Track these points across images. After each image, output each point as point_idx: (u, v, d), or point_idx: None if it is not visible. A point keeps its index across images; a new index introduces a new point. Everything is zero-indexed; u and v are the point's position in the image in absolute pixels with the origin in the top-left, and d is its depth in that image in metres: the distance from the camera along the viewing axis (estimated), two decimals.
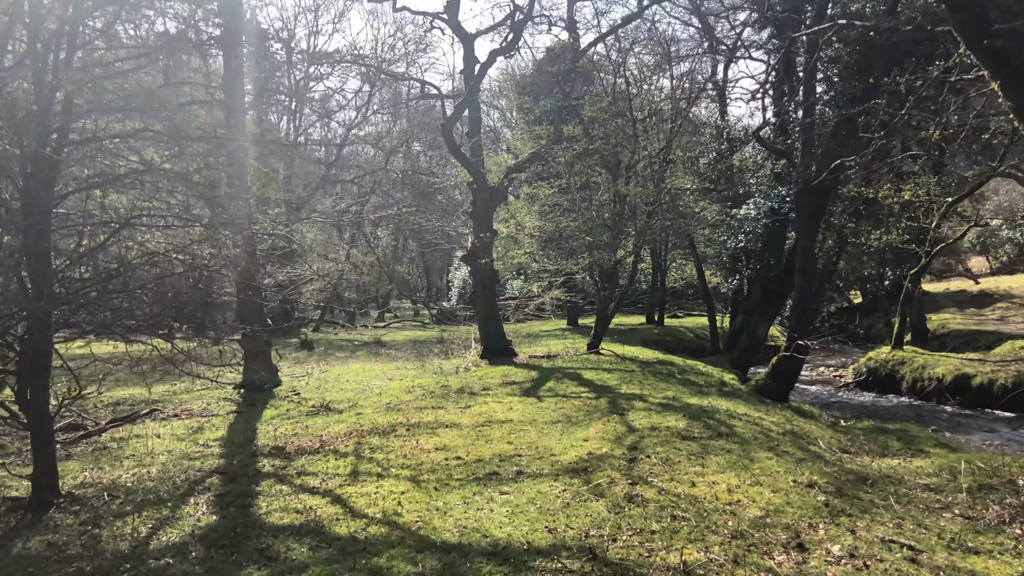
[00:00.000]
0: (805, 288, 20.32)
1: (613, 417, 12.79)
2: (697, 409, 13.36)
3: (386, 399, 16.01)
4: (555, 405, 14.32)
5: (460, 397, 15.63)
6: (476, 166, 21.87)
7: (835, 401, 23.51)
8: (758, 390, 20.41)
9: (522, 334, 31.01)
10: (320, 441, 11.96)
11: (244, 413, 15.75)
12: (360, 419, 13.65)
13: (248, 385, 18.46)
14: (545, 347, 25.08)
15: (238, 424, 14.24)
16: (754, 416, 13.47)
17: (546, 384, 17.05)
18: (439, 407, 14.62)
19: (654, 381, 17.34)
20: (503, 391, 16.36)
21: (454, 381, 17.56)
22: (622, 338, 29.22)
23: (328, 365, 23.41)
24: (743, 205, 24.76)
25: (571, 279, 24.89)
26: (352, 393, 17.36)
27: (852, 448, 12.70)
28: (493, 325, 22.54)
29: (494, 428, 12.41)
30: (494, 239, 23.34)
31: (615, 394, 15.36)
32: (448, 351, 25.44)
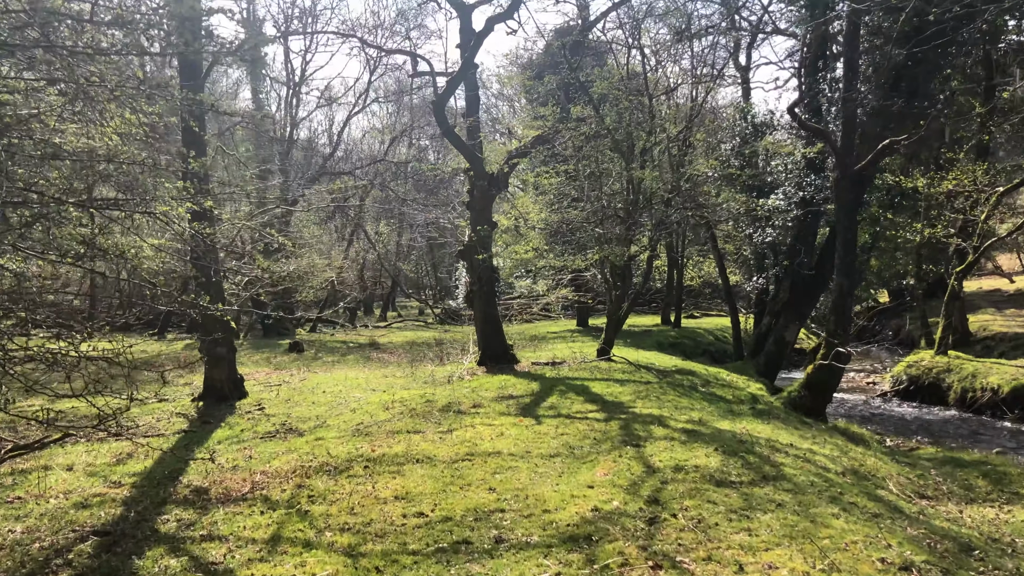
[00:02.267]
0: (845, 287, 17.48)
1: (626, 450, 10.05)
2: (731, 438, 10.60)
3: (358, 418, 13.33)
4: (556, 430, 11.58)
5: (444, 417, 12.92)
6: (473, 150, 19.12)
7: (875, 414, 20.65)
8: (791, 404, 17.62)
9: (527, 336, 28.25)
10: (253, 482, 9.27)
11: (192, 433, 13.19)
12: (317, 447, 10.96)
13: (207, 397, 15.86)
14: (551, 351, 22.33)
15: (174, 451, 11.60)
16: (802, 447, 10.67)
17: (547, 399, 14.32)
18: (416, 430, 11.92)
19: (674, 396, 14.58)
20: (496, 408, 13.65)
21: (442, 395, 14.86)
22: (636, 341, 26.43)
23: (311, 371, 20.78)
24: (771, 195, 21.91)
25: (580, 277, 22.07)
26: (323, 408, 14.71)
27: (929, 491, 9.90)
28: (492, 328, 19.80)
29: (476, 464, 9.69)
30: (494, 232, 20.59)
31: (628, 415, 12.61)
32: (444, 355, 22.73)
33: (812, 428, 13.59)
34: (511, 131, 20.62)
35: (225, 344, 15.89)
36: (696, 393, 15.24)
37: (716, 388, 16.52)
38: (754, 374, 21.98)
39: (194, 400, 15.87)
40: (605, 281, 20.01)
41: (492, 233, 20.33)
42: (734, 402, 15.12)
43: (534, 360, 19.95)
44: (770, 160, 23.29)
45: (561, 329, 30.83)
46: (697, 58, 22.68)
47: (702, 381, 17.13)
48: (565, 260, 19.84)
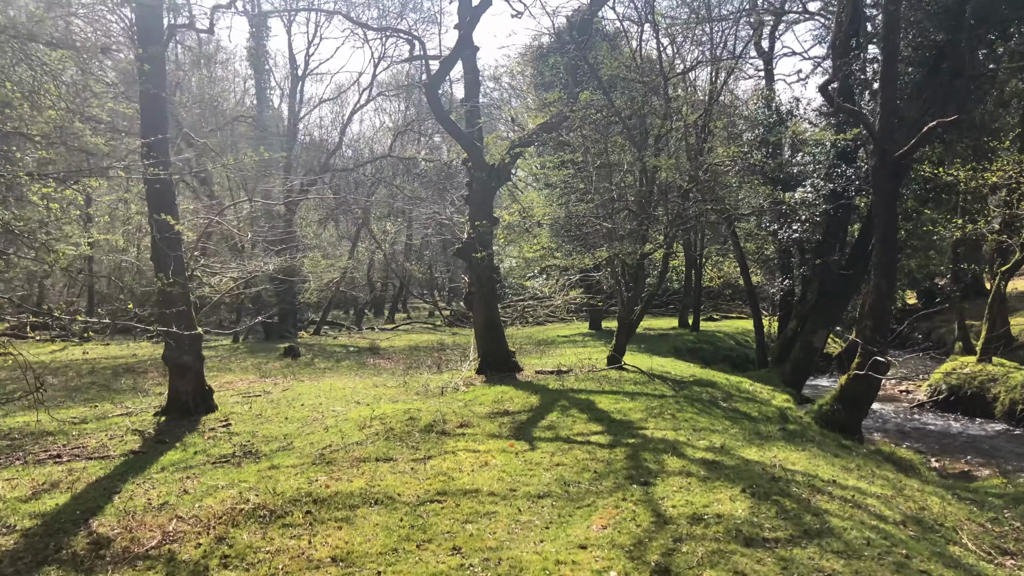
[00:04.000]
0: (884, 289, 15.41)
1: (631, 490, 8.09)
2: (760, 474, 8.60)
3: (329, 438, 11.46)
4: (550, 458, 9.64)
5: (424, 439, 11.00)
6: (470, 138, 17.19)
7: (913, 428, 18.51)
8: (823, 419, 15.58)
9: (535, 340, 26.32)
10: (165, 532, 7.39)
11: (140, 455, 11.38)
12: (265, 480, 9.08)
13: (171, 411, 14.05)
14: (558, 358, 20.37)
15: (108, 479, 9.81)
16: (847, 485, 8.64)
17: (547, 417, 12.36)
18: (387, 457, 10.01)
19: (692, 414, 12.57)
20: (486, 428, 11.72)
21: (428, 410, 12.93)
22: (651, 346, 24.40)
23: (298, 380, 18.94)
24: (797, 188, 19.81)
25: (589, 277, 20.06)
26: (295, 425, 12.86)
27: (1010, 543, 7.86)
28: (493, 333, 17.87)
29: (446, 508, 7.77)
30: (495, 228, 18.65)
31: (638, 438, 10.63)
32: (444, 362, 20.84)
33: (852, 453, 11.53)
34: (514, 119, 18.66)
35: (191, 352, 14.06)
36: (717, 410, 13.22)
37: (739, 403, 14.47)
38: (780, 383, 19.91)
39: (156, 414, 14.09)
40: (616, 282, 18.02)
41: (493, 229, 18.40)
42: (760, 420, 13.08)
43: (538, 368, 18.01)
44: (796, 152, 21.19)
45: (572, 332, 28.84)
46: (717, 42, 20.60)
47: (723, 394, 15.09)
48: (572, 259, 17.84)
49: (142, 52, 13.58)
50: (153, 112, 13.59)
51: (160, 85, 13.72)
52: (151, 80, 13.57)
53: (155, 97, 13.60)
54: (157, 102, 13.62)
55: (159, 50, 13.64)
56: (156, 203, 13.71)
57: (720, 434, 11.04)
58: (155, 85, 13.53)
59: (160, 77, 13.81)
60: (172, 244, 13.59)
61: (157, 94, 13.60)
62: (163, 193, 13.70)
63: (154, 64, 13.57)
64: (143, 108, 13.77)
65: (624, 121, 16.53)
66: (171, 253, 13.43)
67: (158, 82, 13.66)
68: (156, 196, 13.68)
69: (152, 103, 13.57)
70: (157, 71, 13.67)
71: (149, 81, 13.55)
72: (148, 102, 13.59)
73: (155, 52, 13.52)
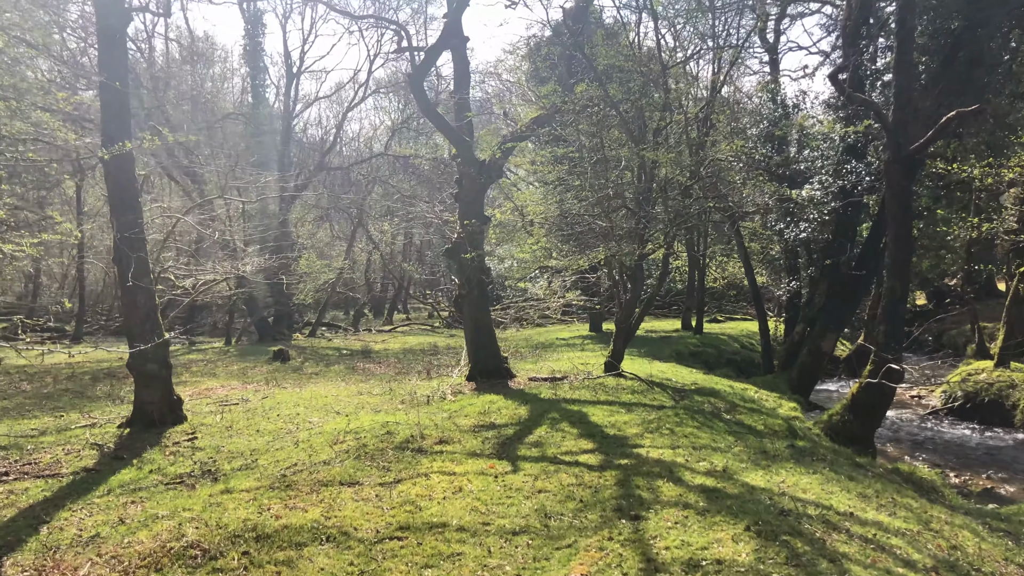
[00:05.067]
0: (899, 291, 14.30)
1: (619, 526, 7.01)
2: (767, 506, 7.50)
3: (296, 456, 10.42)
4: (533, 483, 8.56)
5: (398, 458, 9.93)
6: (459, 133, 16.11)
7: (927, 438, 17.37)
8: (833, 430, 14.52)
9: (532, 343, 25.21)
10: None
11: (91, 474, 10.40)
12: (211, 509, 8.03)
13: (135, 423, 13.02)
14: (555, 362, 19.28)
15: (45, 504, 8.82)
16: (866, 519, 7.53)
17: (534, 432, 11.29)
18: (353, 480, 8.94)
19: (692, 428, 11.46)
20: (468, 444, 10.65)
21: (408, 423, 11.86)
22: (652, 350, 23.27)
23: (281, 387, 17.90)
24: (805, 185, 18.68)
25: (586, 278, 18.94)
26: (265, 439, 11.82)
27: None
28: (484, 338, 16.79)
29: (406, 548, 6.70)
30: (486, 227, 17.57)
31: (632, 459, 9.54)
32: (434, 367, 19.78)
33: (868, 474, 10.39)
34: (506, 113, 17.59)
35: (156, 359, 13.02)
36: (719, 423, 12.10)
37: (744, 414, 13.36)
38: (786, 389, 18.81)
39: (120, 426, 13.05)
40: (614, 284, 16.94)
41: (484, 228, 17.34)
42: (767, 434, 11.98)
43: (532, 374, 16.93)
44: (803, 147, 20.04)
45: (572, 335, 27.72)
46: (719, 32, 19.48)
47: (727, 405, 13.97)
48: (567, 260, 16.75)
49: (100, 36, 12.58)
50: (113, 103, 12.53)
51: (122, 74, 12.66)
52: (110, 68, 12.54)
53: (115, 87, 12.55)
54: (117, 92, 12.57)
55: (119, 35, 12.56)
56: (117, 200, 12.67)
57: (722, 453, 9.94)
58: (115, 74, 12.49)
59: (121, 65, 12.75)
60: (134, 244, 12.55)
61: (118, 84, 12.55)
62: (125, 189, 12.65)
63: (113, 51, 12.54)
64: (103, 99, 12.72)
65: (621, 114, 15.43)
66: (132, 254, 12.39)
67: (119, 71, 12.61)
68: (117, 193, 12.64)
69: (112, 94, 12.52)
70: (117, 58, 12.62)
71: (108, 69, 12.53)
72: (108, 92, 12.54)
73: (115, 36, 12.48)
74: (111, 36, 12.47)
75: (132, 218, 12.61)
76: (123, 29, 12.65)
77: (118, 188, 12.65)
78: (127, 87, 12.88)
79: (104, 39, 12.59)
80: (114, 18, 12.42)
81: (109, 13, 12.37)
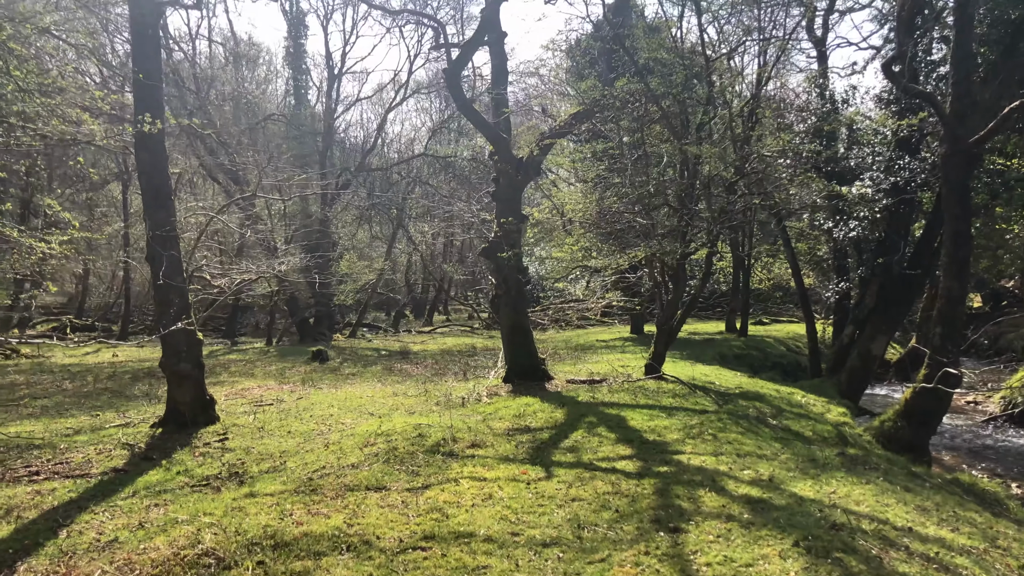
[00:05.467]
0: (956, 292, 13.55)
1: (657, 539, 6.54)
2: (817, 519, 6.95)
3: (325, 458, 10.12)
4: (566, 490, 8.12)
5: (428, 462, 9.56)
6: (496, 129, 15.73)
7: (985, 446, 16.50)
8: (885, 437, 13.81)
9: (572, 345, 24.73)
10: None
11: (120, 475, 10.23)
12: (233, 514, 7.75)
13: (168, 423, 12.86)
14: (595, 365, 18.81)
15: (69, 505, 8.64)
16: (927, 534, 6.93)
17: (571, 436, 10.85)
18: (380, 485, 8.60)
19: (736, 434, 10.90)
20: (500, 449, 10.24)
21: (440, 426, 11.49)
22: (695, 352, 22.62)
23: (317, 387, 17.68)
24: (855, 182, 17.92)
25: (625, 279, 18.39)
26: (296, 441, 11.57)
27: None
28: (520, 339, 16.38)
29: (430, 559, 6.32)
30: (524, 226, 17.17)
31: (672, 466, 9.03)
32: (471, 369, 19.42)
33: (926, 484, 9.73)
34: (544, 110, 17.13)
35: (189, 359, 12.84)
36: (765, 429, 11.52)
37: (791, 420, 12.73)
38: (835, 394, 18.04)
39: (153, 426, 12.90)
40: (655, 284, 16.39)
41: (522, 227, 16.93)
42: (815, 440, 11.37)
43: (570, 376, 16.47)
44: (853, 143, 19.25)
45: (612, 337, 27.16)
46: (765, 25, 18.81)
47: (773, 409, 13.36)
48: (606, 260, 16.25)
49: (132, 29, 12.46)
50: (146, 98, 12.39)
51: (154, 68, 12.51)
52: (142, 62, 12.41)
53: (149, 83, 12.40)
54: (150, 87, 12.42)
55: (151, 29, 12.40)
56: (151, 197, 12.53)
57: (768, 461, 9.37)
58: (147, 67, 12.34)
59: (154, 59, 12.60)
60: (166, 242, 12.39)
61: (151, 78, 12.40)
62: (158, 186, 12.50)
63: (145, 44, 12.39)
64: (136, 93, 12.60)
65: (663, 108, 14.90)
66: (163, 252, 12.23)
67: (151, 65, 12.46)
68: (151, 190, 12.49)
69: (145, 88, 12.38)
70: (149, 52, 12.47)
71: (140, 63, 12.39)
72: (141, 87, 12.40)
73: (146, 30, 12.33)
74: (143, 29, 12.32)
75: (164, 216, 12.45)
76: (155, 23, 12.50)
77: (151, 185, 12.50)
78: (159, 81, 12.72)
79: (136, 32, 12.46)
80: (145, 11, 12.26)
81: (140, 6, 12.20)
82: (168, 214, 12.53)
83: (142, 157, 12.42)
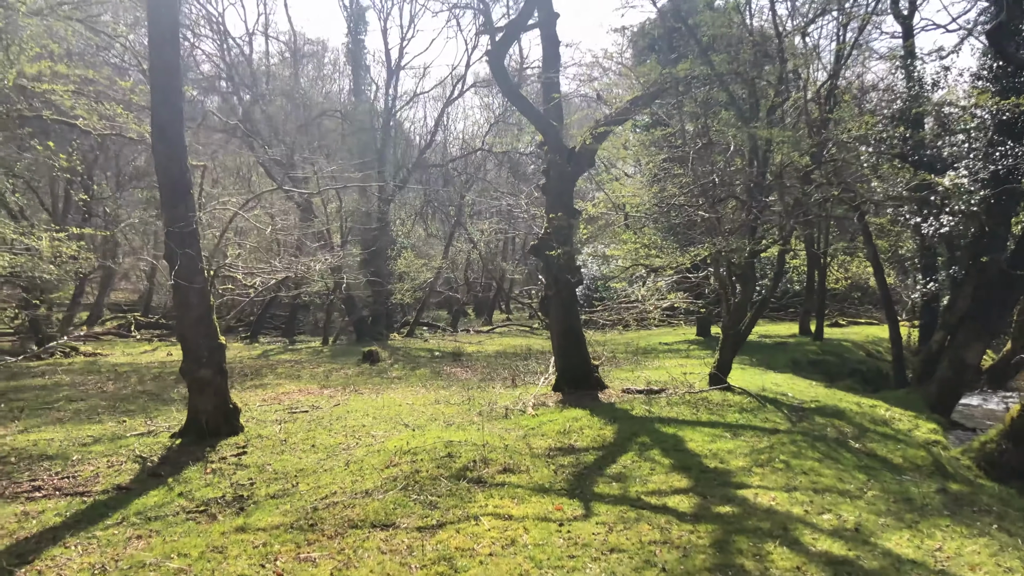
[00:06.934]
0: None
1: None
2: None
3: (339, 482, 8.92)
4: (605, 536, 6.68)
5: (451, 491, 8.22)
6: (545, 117, 14.31)
7: None
8: (988, 462, 11.88)
9: (632, 348, 23.12)
10: None
11: (122, 493, 9.32)
12: (215, 553, 6.58)
13: (188, 433, 11.86)
14: (654, 371, 17.22)
15: (48, 533, 7.68)
16: None
17: (619, 460, 9.38)
18: (388, 522, 7.31)
19: (813, 462, 9.25)
20: (536, 475, 8.83)
21: (474, 443, 10.14)
22: (765, 358, 20.77)
23: (359, 392, 16.58)
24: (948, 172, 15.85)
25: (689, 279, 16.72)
26: (317, 456, 10.45)
27: None
28: (572, 344, 14.93)
29: None
30: (576, 222, 15.70)
31: (735, 506, 7.48)
32: (520, 374, 18.03)
33: None
34: (600, 95, 15.66)
35: (211, 365, 11.82)
36: (847, 455, 9.82)
37: (877, 442, 10.97)
38: (923, 407, 16.04)
39: (173, 436, 11.93)
40: (720, 286, 14.73)
41: (573, 223, 15.48)
42: (907, 469, 9.63)
43: (626, 385, 14.96)
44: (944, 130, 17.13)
45: (676, 339, 25.42)
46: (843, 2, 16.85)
47: (855, 429, 11.59)
48: (666, 258, 14.66)
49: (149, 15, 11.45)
50: (163, 87, 11.37)
51: (171, 56, 11.49)
52: (161, 51, 11.41)
53: (167, 70, 11.40)
54: (168, 76, 11.40)
55: (167, 10, 11.35)
56: (168, 192, 11.50)
57: (853, 501, 7.72)
58: (164, 55, 11.33)
59: (171, 46, 11.56)
60: (184, 239, 11.35)
61: (167, 64, 11.39)
62: (176, 180, 11.47)
63: (161, 29, 11.36)
64: (152, 82, 11.59)
65: (730, 91, 13.25)
66: (179, 250, 11.19)
67: (170, 53, 11.45)
68: (168, 184, 11.47)
69: (162, 77, 11.37)
70: (166, 38, 11.44)
71: (156, 50, 11.39)
72: (158, 76, 11.40)
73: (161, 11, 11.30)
74: (158, 11, 11.29)
75: (182, 211, 11.42)
76: (171, 4, 11.42)
77: (168, 178, 11.48)
78: (177, 69, 11.70)
79: (153, 15, 11.44)
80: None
81: None
82: (187, 209, 11.49)
83: (159, 149, 11.42)
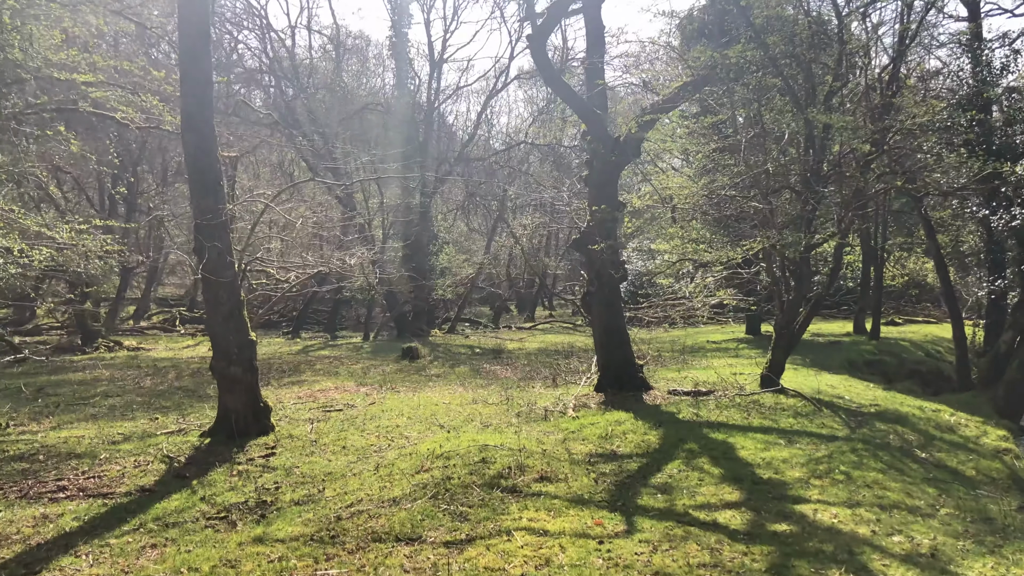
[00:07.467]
0: None
1: None
2: None
3: (369, 486, 8.47)
4: (648, 557, 6.07)
5: (484, 501, 7.66)
6: (589, 105, 13.66)
7: None
8: None
9: (680, 346, 22.31)
10: None
11: (145, 495, 9.02)
12: (227, 567, 6.12)
13: (217, 432, 11.51)
14: (702, 372, 16.47)
15: (60, 540, 7.33)
16: None
17: (664, 469, 8.73)
18: (413, 536, 6.79)
19: (877, 473, 8.49)
20: (575, 484, 8.23)
21: (511, 448, 9.57)
22: (819, 358, 19.81)
23: (395, 390, 16.13)
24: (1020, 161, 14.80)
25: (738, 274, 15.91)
26: (349, 458, 10.02)
27: None
28: (615, 342, 14.27)
29: None
30: (620, 215, 15.02)
31: (792, 523, 6.79)
32: (562, 373, 17.40)
33: None
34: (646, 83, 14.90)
35: (241, 362, 11.45)
36: (913, 465, 9.02)
37: (945, 451, 10.13)
38: (990, 412, 15.10)
39: (203, 435, 11.60)
40: (773, 282, 13.93)
41: (618, 216, 14.80)
42: (981, 482, 8.81)
43: (673, 387, 14.23)
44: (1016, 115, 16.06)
45: (724, 338, 24.51)
46: None
47: (919, 436, 10.74)
48: (716, 253, 13.91)
49: None
50: (193, 76, 11.01)
51: (202, 43, 11.12)
52: (190, 38, 11.04)
53: (195, 57, 11.04)
54: (197, 64, 11.03)
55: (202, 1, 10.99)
56: (198, 184, 11.15)
57: (925, 520, 6.97)
58: (193, 42, 10.97)
59: (203, 35, 11.20)
60: (213, 232, 10.99)
61: (198, 54, 11.02)
62: (205, 171, 11.11)
63: (192, 14, 10.99)
64: (182, 71, 11.24)
65: (784, 75, 12.44)
66: (207, 243, 10.83)
67: (199, 40, 11.08)
68: (197, 176, 11.12)
69: (191, 65, 11.01)
70: (199, 27, 11.08)
71: (187, 39, 11.03)
72: (188, 63, 11.05)
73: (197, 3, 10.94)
74: None
75: (211, 203, 11.06)
76: None
77: (198, 170, 11.13)
78: (207, 57, 11.34)
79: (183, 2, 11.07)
80: None
81: None
82: (216, 201, 11.13)
83: (188, 139, 11.08)
